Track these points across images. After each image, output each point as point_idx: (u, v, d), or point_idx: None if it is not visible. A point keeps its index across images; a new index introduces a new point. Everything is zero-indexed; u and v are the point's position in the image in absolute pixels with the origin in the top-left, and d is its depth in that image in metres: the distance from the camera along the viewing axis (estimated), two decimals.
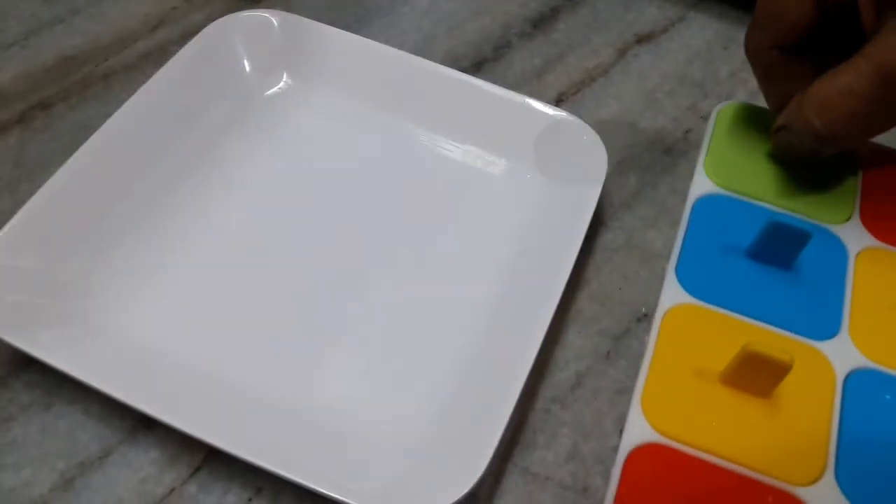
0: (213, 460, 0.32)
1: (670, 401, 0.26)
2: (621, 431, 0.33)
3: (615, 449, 0.33)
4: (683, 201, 0.42)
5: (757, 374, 0.26)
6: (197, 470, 0.32)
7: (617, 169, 0.43)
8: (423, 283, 0.37)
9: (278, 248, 0.38)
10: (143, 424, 0.33)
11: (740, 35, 0.50)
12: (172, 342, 0.34)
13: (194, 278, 0.37)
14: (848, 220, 0.32)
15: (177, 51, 0.43)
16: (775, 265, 0.30)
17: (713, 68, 0.48)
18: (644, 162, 0.43)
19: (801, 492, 0.25)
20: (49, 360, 0.32)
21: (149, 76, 0.42)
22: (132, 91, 0.41)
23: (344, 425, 0.32)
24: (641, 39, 0.50)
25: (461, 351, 0.34)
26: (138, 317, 0.35)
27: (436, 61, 0.43)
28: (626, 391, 0.35)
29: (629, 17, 0.51)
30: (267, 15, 0.44)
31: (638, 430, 0.25)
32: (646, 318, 0.37)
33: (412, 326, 0.36)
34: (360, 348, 0.35)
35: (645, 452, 0.25)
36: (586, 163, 0.39)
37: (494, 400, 0.31)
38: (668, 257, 0.39)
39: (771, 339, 0.27)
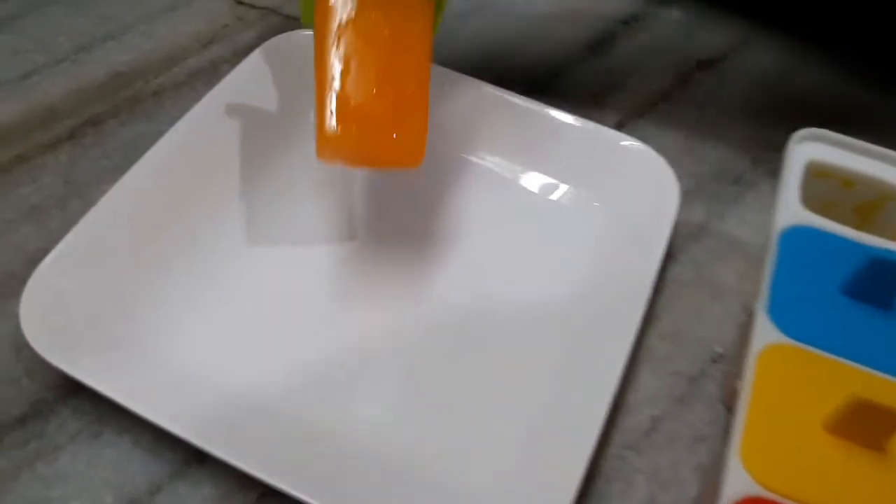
0: (269, 499, 0.30)
1: (772, 450, 0.24)
2: (701, 481, 0.31)
3: (694, 500, 0.31)
4: (755, 234, 0.40)
5: (867, 425, 0.24)
6: None
7: (682, 199, 0.41)
8: (486, 321, 0.35)
9: (337, 279, 0.37)
10: (195, 458, 0.31)
11: (803, 63, 0.49)
12: (227, 373, 0.33)
13: (252, 307, 0.35)
14: None
15: (228, 69, 0.42)
16: (874, 304, 0.28)
17: (776, 95, 0.47)
18: (710, 192, 0.42)
19: None
20: (99, 387, 0.30)
21: (199, 94, 0.41)
22: (183, 108, 0.40)
23: (411, 472, 0.30)
24: (702, 65, 0.48)
25: (530, 396, 0.32)
26: (191, 345, 0.33)
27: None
28: (704, 438, 0.33)
29: (688, 42, 0.50)
30: None
31: (738, 483, 0.24)
32: (721, 358, 0.35)
33: (479, 369, 0.34)
34: (424, 390, 0.33)
35: None
36: (657, 193, 0.37)
37: (568, 448, 0.29)
38: (740, 293, 0.37)
39: (879, 385, 0.25)
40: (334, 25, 0.31)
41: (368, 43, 0.31)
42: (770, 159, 0.43)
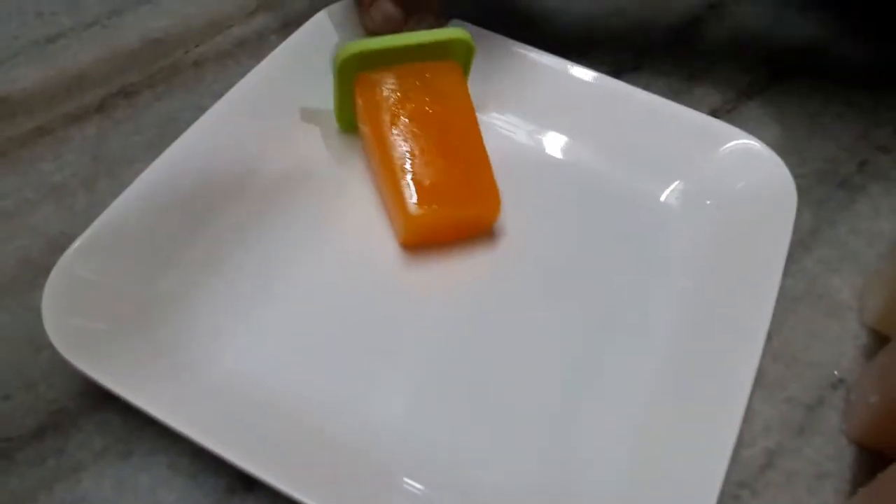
0: None
1: None
2: None
3: None
4: (869, 243, 0.35)
5: None
6: None
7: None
8: (581, 333, 0.31)
9: (393, 281, 0.32)
10: (241, 485, 0.27)
11: None
12: (280, 386, 0.28)
13: (306, 310, 0.30)
14: None
15: (276, 40, 0.38)
16: None
17: (883, 91, 0.42)
18: (817, 196, 0.37)
19: None
20: (130, 396, 0.26)
21: (244, 67, 0.36)
22: (226, 82, 0.35)
23: (489, 490, 0.26)
24: (800, 55, 0.43)
25: (638, 414, 0.28)
26: (238, 351, 0.29)
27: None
28: (826, 476, 0.28)
29: (782, 30, 0.45)
30: None
31: None
32: (841, 383, 0.31)
33: (569, 396, 0.29)
34: (502, 418, 0.28)
35: None
36: (772, 197, 0.33)
37: (690, 488, 0.25)
38: (857, 309, 0.33)
39: None
40: (384, 119, 0.32)
41: (422, 126, 0.33)
42: (878, 160, 0.39)
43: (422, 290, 0.32)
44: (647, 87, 0.40)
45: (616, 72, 0.41)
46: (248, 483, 0.26)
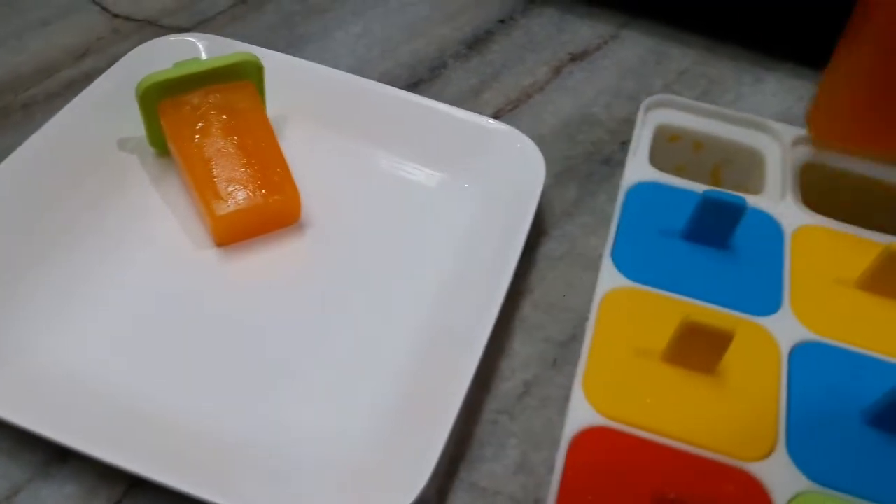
0: (135, 492, 0.30)
1: (613, 383, 0.25)
2: None
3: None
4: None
5: (699, 348, 0.25)
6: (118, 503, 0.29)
7: (557, 180, 0.42)
8: (362, 297, 0.36)
9: (203, 269, 0.36)
10: (56, 458, 0.30)
11: (672, 49, 0.51)
12: (83, 368, 0.32)
13: (115, 305, 0.34)
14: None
15: None
16: (711, 244, 0.29)
17: (647, 81, 0.49)
18: (583, 172, 0.43)
19: (753, 467, 0.24)
20: None
21: None
22: None
23: (276, 448, 0.30)
24: (576, 58, 0.50)
25: (401, 364, 0.33)
26: (47, 343, 0.33)
27: None
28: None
29: (563, 38, 0.51)
30: (193, 39, 0.43)
31: (581, 414, 0.24)
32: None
33: (349, 340, 0.34)
34: (290, 366, 0.33)
35: (590, 436, 0.24)
36: (524, 170, 0.38)
37: (436, 412, 0.29)
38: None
39: (710, 314, 0.27)
40: (187, 135, 0.37)
41: (221, 138, 0.37)
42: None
43: (235, 281, 0.36)
44: (439, 96, 0.45)
45: (413, 85, 0.47)
46: (62, 455, 0.30)
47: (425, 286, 0.36)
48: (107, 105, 0.40)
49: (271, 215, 0.37)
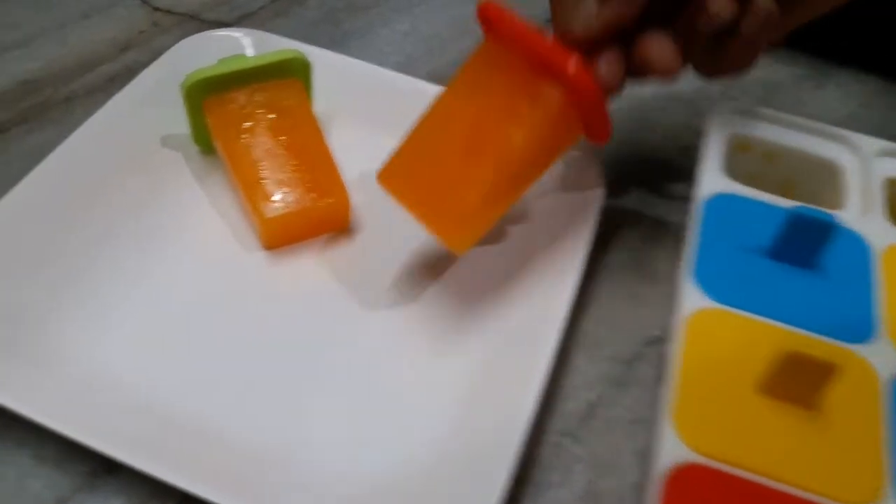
0: None
1: (705, 415, 0.23)
2: (643, 466, 0.30)
3: (635, 486, 0.30)
4: (685, 218, 0.40)
5: (798, 381, 0.23)
6: None
7: (614, 188, 0.41)
8: (414, 310, 0.34)
9: (250, 274, 0.35)
10: (104, 469, 0.29)
11: None
12: (134, 378, 0.31)
13: (159, 311, 0.33)
14: None
15: None
16: (797, 263, 0.27)
17: (702, 85, 0.47)
18: (641, 179, 0.41)
19: None
20: None
21: None
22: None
23: (333, 469, 0.29)
24: None
25: (460, 381, 0.31)
26: (94, 350, 0.31)
27: None
28: (642, 421, 0.32)
29: None
30: (238, 34, 0.42)
31: (672, 450, 0.22)
32: (659, 341, 0.34)
33: (402, 355, 0.32)
34: (345, 383, 0.31)
35: (682, 475, 0.22)
36: (582, 176, 0.37)
37: (500, 435, 0.28)
38: (673, 275, 0.37)
39: (806, 342, 0.25)
40: (233, 134, 0.36)
41: (268, 138, 0.36)
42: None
43: (284, 287, 0.35)
44: None
45: None
46: (109, 467, 0.29)
47: (482, 297, 0.34)
48: (150, 101, 0.39)
49: (321, 219, 0.36)
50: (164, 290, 0.34)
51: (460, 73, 0.31)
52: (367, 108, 0.41)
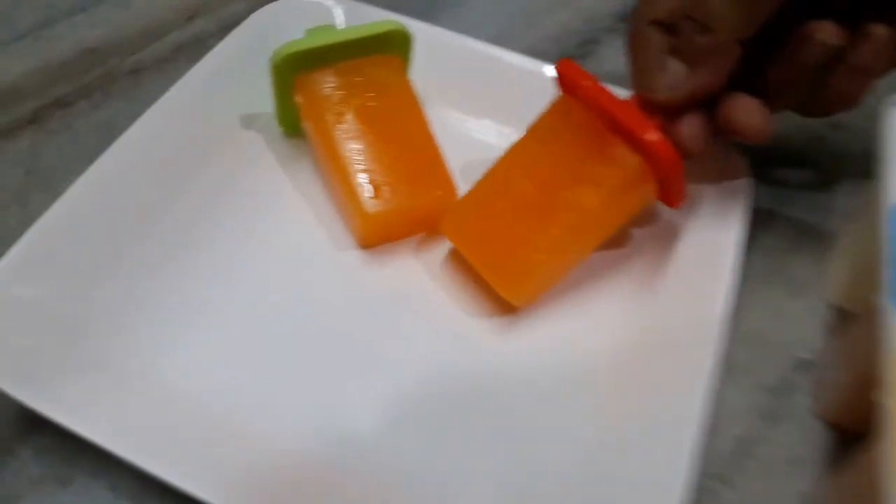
0: None
1: None
2: None
3: None
4: (826, 219, 0.35)
5: None
6: None
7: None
8: (534, 325, 0.30)
9: (346, 277, 0.31)
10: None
11: None
12: (225, 404, 0.27)
13: (252, 323, 0.29)
14: None
15: (215, 43, 0.36)
16: None
17: None
18: (777, 175, 0.36)
19: None
20: (66, 421, 0.24)
21: (184, 71, 0.35)
22: (165, 88, 0.34)
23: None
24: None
25: (595, 416, 0.27)
26: (180, 368, 0.28)
27: None
28: (799, 461, 0.27)
29: None
30: (328, 2, 0.37)
31: None
32: (810, 365, 0.30)
33: (528, 375, 0.28)
34: (472, 414, 0.27)
35: None
36: (727, 179, 0.32)
37: (656, 480, 0.24)
38: (818, 286, 0.32)
39: None
40: (328, 118, 0.31)
41: (367, 121, 0.32)
42: (837, 140, 0.38)
43: (384, 292, 0.31)
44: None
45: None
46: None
47: (611, 308, 0.30)
48: (228, 77, 0.35)
49: (426, 216, 0.31)
50: (246, 294, 0.30)
51: (533, 126, 0.30)
52: (464, 86, 0.37)
